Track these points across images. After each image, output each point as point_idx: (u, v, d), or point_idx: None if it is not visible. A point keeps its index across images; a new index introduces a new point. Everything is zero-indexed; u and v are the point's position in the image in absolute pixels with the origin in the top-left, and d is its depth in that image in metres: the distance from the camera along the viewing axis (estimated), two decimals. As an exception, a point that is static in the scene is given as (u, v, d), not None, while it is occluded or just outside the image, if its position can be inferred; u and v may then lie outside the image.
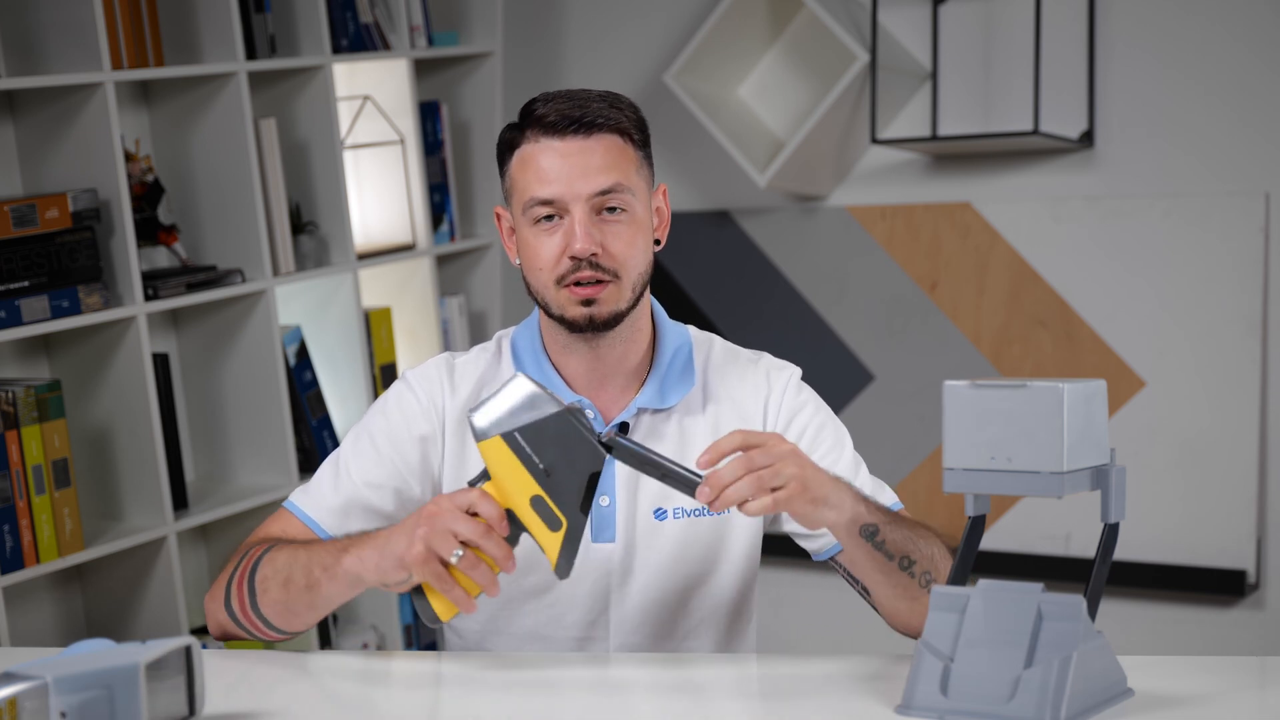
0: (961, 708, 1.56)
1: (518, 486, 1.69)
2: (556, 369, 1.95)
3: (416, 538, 1.69)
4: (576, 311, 1.87)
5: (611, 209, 1.87)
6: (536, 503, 1.69)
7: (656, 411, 1.94)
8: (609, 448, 1.69)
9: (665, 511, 1.93)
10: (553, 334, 1.94)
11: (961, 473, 1.62)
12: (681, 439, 1.94)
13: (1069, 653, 1.54)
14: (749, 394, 1.97)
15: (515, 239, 1.93)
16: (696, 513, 1.93)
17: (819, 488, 1.72)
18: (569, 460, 1.68)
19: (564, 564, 1.70)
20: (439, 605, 1.73)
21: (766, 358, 2.02)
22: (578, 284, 1.86)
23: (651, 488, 1.93)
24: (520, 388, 1.69)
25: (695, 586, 1.94)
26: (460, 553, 1.68)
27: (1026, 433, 1.58)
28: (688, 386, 1.95)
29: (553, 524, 1.69)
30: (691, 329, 2.02)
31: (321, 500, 1.94)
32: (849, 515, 1.76)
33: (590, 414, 1.92)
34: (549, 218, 1.87)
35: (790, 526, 1.97)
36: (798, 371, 2.02)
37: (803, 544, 1.98)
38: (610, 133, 1.87)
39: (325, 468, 1.97)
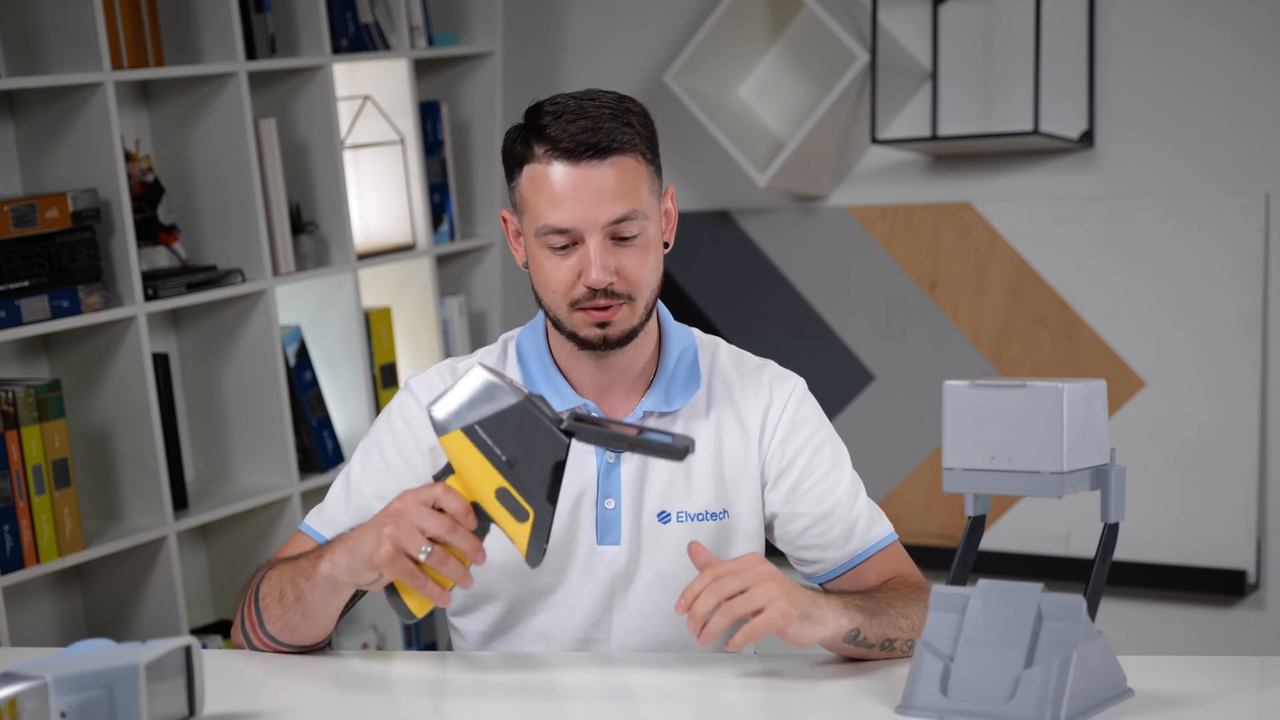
0: (961, 708, 1.56)
1: (482, 479, 1.67)
2: (562, 373, 1.95)
3: (384, 537, 1.68)
4: (591, 332, 1.87)
5: (626, 234, 1.86)
6: (502, 495, 1.67)
7: (662, 415, 1.94)
8: (570, 433, 1.67)
9: (669, 514, 1.93)
10: (560, 342, 1.94)
11: (961, 473, 1.62)
12: None
13: (1069, 653, 1.54)
14: (751, 403, 1.97)
15: (522, 243, 1.92)
16: (699, 516, 1.94)
17: (801, 605, 1.72)
18: (531, 450, 1.66)
19: (534, 553, 1.68)
20: (412, 601, 1.72)
21: (771, 366, 2.01)
22: (593, 307, 1.86)
23: (656, 491, 1.92)
24: (476, 378, 1.67)
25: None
26: (429, 549, 1.67)
27: (1026, 433, 1.58)
28: (694, 390, 1.95)
29: (519, 515, 1.67)
30: (696, 332, 2.01)
31: (335, 520, 1.94)
32: (833, 629, 1.75)
33: (595, 416, 1.93)
34: (562, 242, 1.86)
35: (784, 545, 1.98)
36: (801, 383, 2.00)
37: (797, 568, 2.00)
38: (624, 154, 1.85)
39: (336, 486, 1.97)
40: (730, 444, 1.95)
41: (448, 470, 1.70)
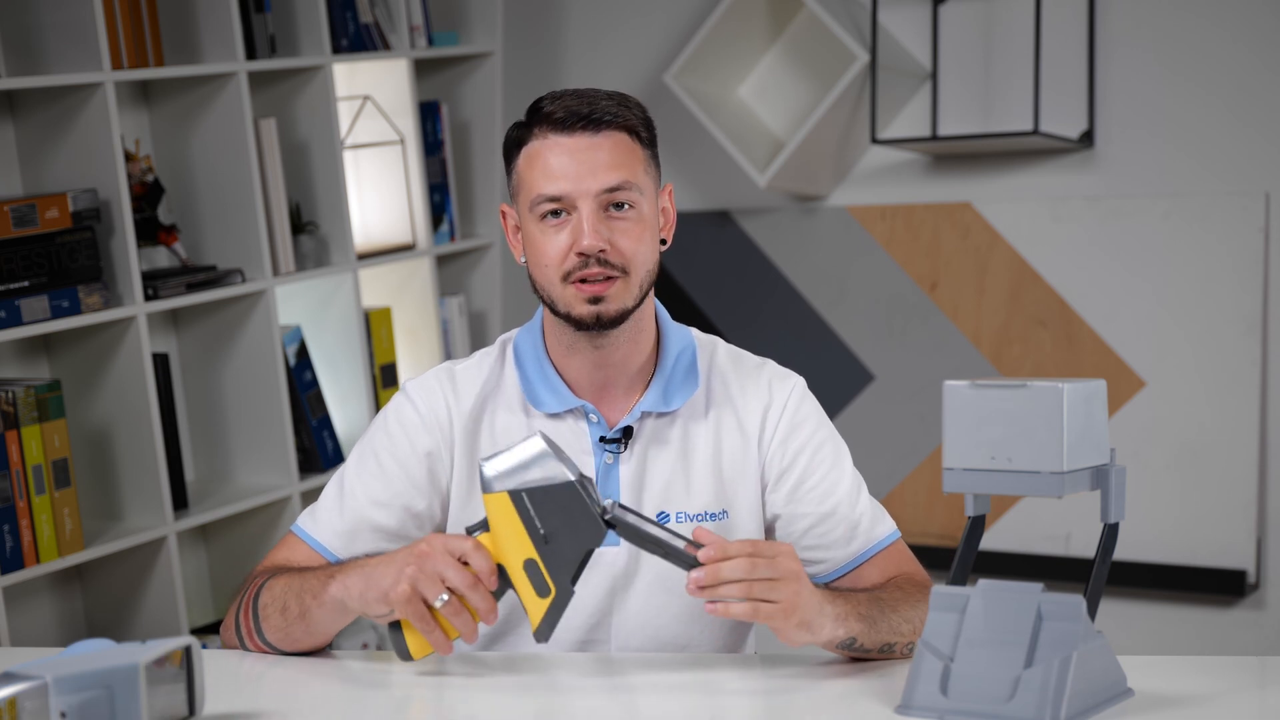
0: (961, 708, 1.56)
1: (515, 546, 1.68)
2: (559, 373, 1.94)
3: (404, 576, 1.69)
4: (584, 309, 1.86)
5: (619, 205, 1.86)
6: (529, 566, 1.68)
7: (660, 415, 1.94)
8: (611, 524, 1.68)
9: (668, 515, 1.92)
10: (557, 335, 1.93)
11: (961, 473, 1.62)
12: (685, 443, 1.94)
13: (1069, 653, 1.54)
14: (750, 403, 1.96)
15: (521, 237, 1.92)
16: (699, 517, 1.93)
17: (806, 612, 1.71)
18: (570, 531, 1.67)
19: (545, 629, 1.70)
20: (414, 643, 1.73)
21: (770, 365, 2.01)
22: (584, 280, 1.85)
23: (655, 491, 1.92)
24: (534, 446, 1.69)
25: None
26: (445, 598, 1.68)
27: (1026, 433, 1.58)
28: (692, 390, 1.95)
29: (541, 590, 1.69)
30: (695, 331, 2.01)
31: (328, 524, 1.93)
32: (825, 638, 1.76)
33: (594, 418, 1.92)
34: (556, 214, 1.86)
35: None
36: (801, 382, 2.00)
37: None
38: (618, 130, 1.86)
39: (330, 489, 1.96)
40: (730, 444, 1.95)
41: (483, 526, 1.71)
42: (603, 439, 1.92)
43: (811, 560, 1.95)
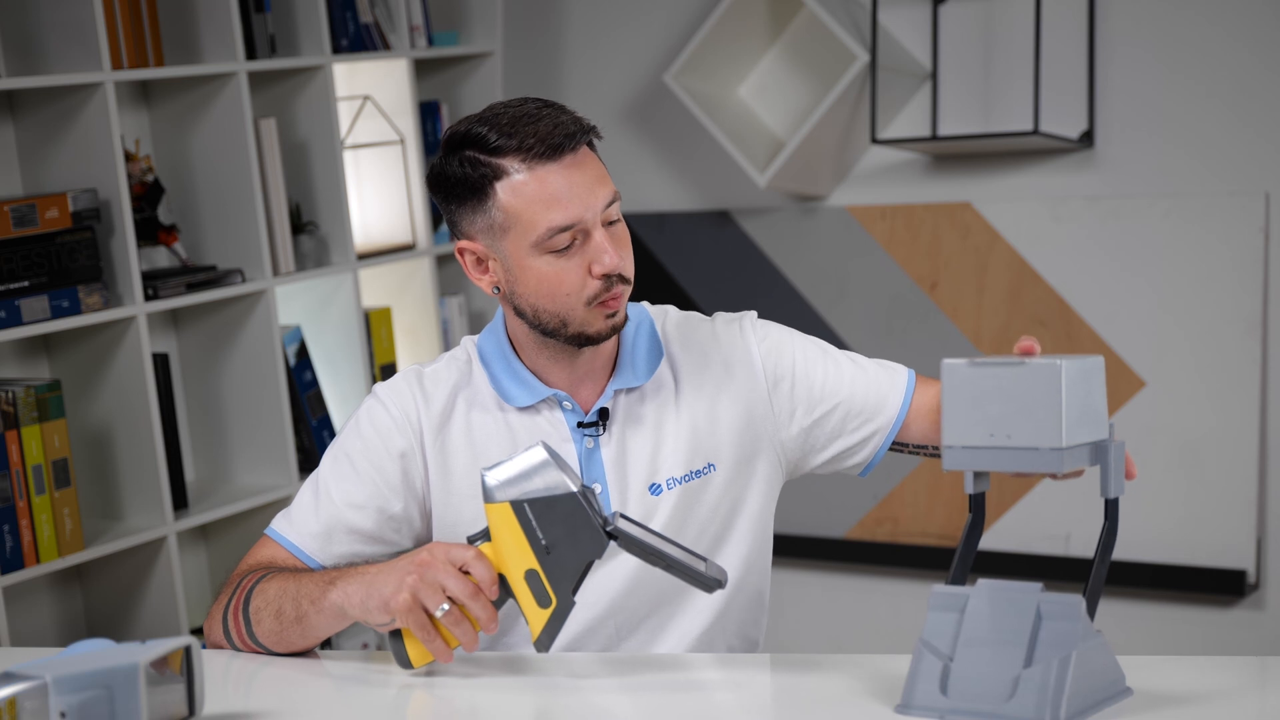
0: (961, 707, 1.56)
1: (516, 556, 1.69)
2: (529, 368, 1.94)
3: (405, 585, 1.69)
4: (603, 325, 1.86)
5: (614, 219, 1.87)
6: (530, 576, 1.69)
7: (631, 391, 1.94)
8: (613, 536, 1.69)
9: (660, 485, 1.93)
10: (538, 346, 1.92)
11: (961, 450, 1.61)
12: (659, 413, 1.94)
13: (1068, 652, 1.54)
14: (724, 356, 1.97)
15: (496, 267, 1.89)
16: (687, 478, 1.93)
17: None
18: (572, 542, 1.67)
19: (545, 639, 1.70)
20: (414, 651, 1.73)
21: (720, 316, 2.02)
22: (606, 300, 1.85)
23: (639, 467, 1.92)
24: (536, 456, 1.69)
25: (701, 550, 1.93)
26: (446, 607, 1.68)
27: (1025, 409, 1.57)
28: (657, 360, 1.96)
29: (542, 600, 1.69)
30: (645, 304, 2.02)
31: (304, 526, 1.93)
32: None
33: (569, 405, 1.93)
34: (568, 242, 1.84)
35: (836, 446, 1.99)
36: (752, 315, 2.02)
37: (849, 462, 2.01)
38: (584, 142, 1.86)
39: (304, 492, 1.96)
40: (704, 403, 1.95)
41: (484, 535, 1.71)
42: (580, 424, 1.92)
43: (862, 440, 1.98)
